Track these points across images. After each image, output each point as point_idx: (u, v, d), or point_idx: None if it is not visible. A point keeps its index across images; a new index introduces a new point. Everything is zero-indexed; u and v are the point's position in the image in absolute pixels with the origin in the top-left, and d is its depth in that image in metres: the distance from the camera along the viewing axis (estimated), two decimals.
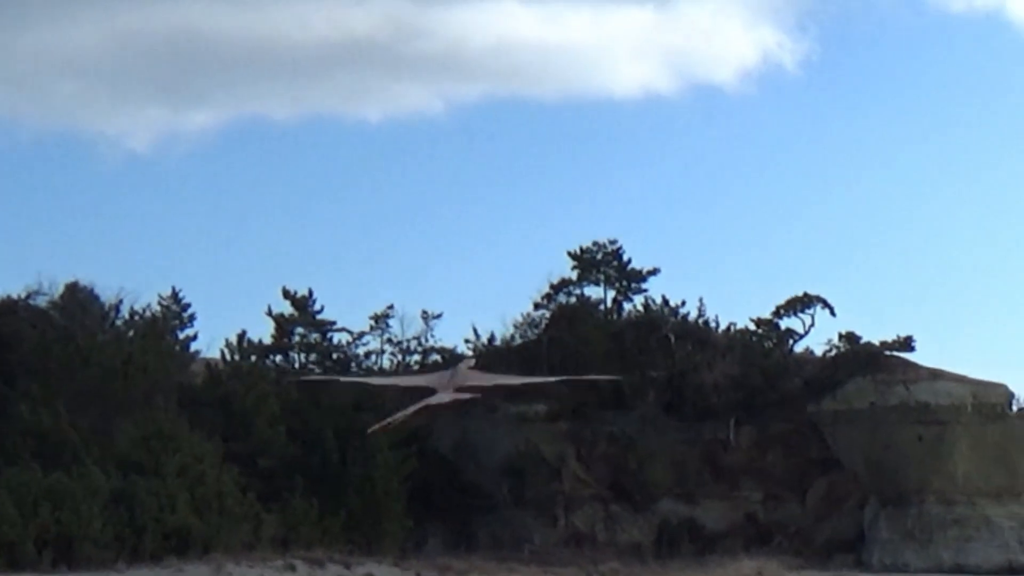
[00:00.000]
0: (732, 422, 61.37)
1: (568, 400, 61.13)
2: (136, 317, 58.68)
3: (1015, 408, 63.88)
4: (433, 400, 26.79)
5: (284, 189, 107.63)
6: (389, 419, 33.95)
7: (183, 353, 59.76)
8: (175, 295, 61.14)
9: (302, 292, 63.03)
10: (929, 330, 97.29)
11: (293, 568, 48.03)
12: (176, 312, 60.70)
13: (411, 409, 27.78)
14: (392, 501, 54.49)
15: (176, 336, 60.06)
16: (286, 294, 62.88)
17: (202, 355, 60.81)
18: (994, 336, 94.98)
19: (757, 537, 59.86)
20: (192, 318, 60.74)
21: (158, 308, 60.08)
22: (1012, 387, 62.99)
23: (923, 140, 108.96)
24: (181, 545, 47.92)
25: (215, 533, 48.88)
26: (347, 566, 49.44)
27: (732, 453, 61.45)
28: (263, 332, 62.55)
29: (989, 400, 61.57)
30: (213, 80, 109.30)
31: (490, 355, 64.00)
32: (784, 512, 60.94)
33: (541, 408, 60.79)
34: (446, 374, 26.60)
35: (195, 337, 60.60)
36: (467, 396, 29.17)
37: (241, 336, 61.03)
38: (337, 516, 52.74)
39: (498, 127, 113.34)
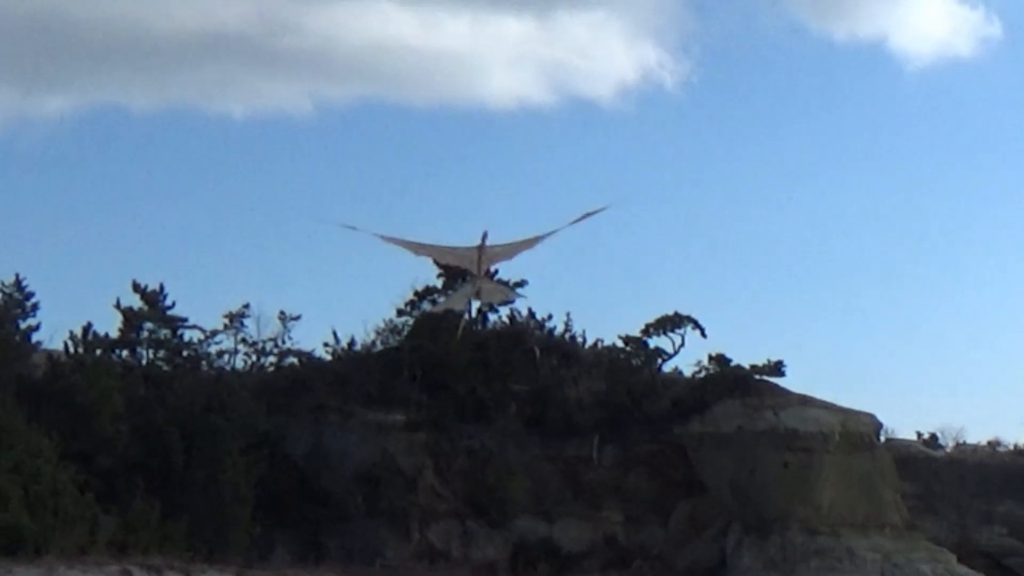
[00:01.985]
0: (596, 440, 59.78)
1: (428, 410, 59.33)
2: None
3: (882, 438, 63.35)
4: (478, 289, 25.23)
5: (140, 181, 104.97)
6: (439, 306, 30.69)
7: (24, 344, 56.85)
8: (18, 283, 58.06)
9: (153, 286, 60.21)
10: (800, 356, 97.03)
11: (129, 574, 45.61)
12: (18, 301, 57.64)
13: (460, 294, 25.90)
14: (239, 507, 52.24)
15: (17, 326, 57.06)
16: (136, 288, 60.08)
17: (44, 347, 57.94)
18: (864, 365, 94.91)
19: (617, 559, 58.33)
20: (35, 307, 57.64)
21: None
22: (880, 417, 62.35)
23: (799, 166, 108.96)
24: (11, 546, 45.18)
25: (49, 534, 46.20)
26: (187, 573, 47.12)
27: (594, 472, 59.81)
28: (110, 326, 59.80)
29: (857, 429, 60.71)
30: (70, 66, 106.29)
31: (349, 361, 62.15)
32: (645, 535, 59.40)
33: (399, 417, 58.86)
34: (471, 253, 24.88)
35: (37, 327, 57.61)
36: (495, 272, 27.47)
37: (86, 329, 58.22)
38: (179, 520, 50.33)
39: (368, 130, 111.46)
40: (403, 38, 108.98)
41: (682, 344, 63.66)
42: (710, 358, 63.21)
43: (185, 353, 60.10)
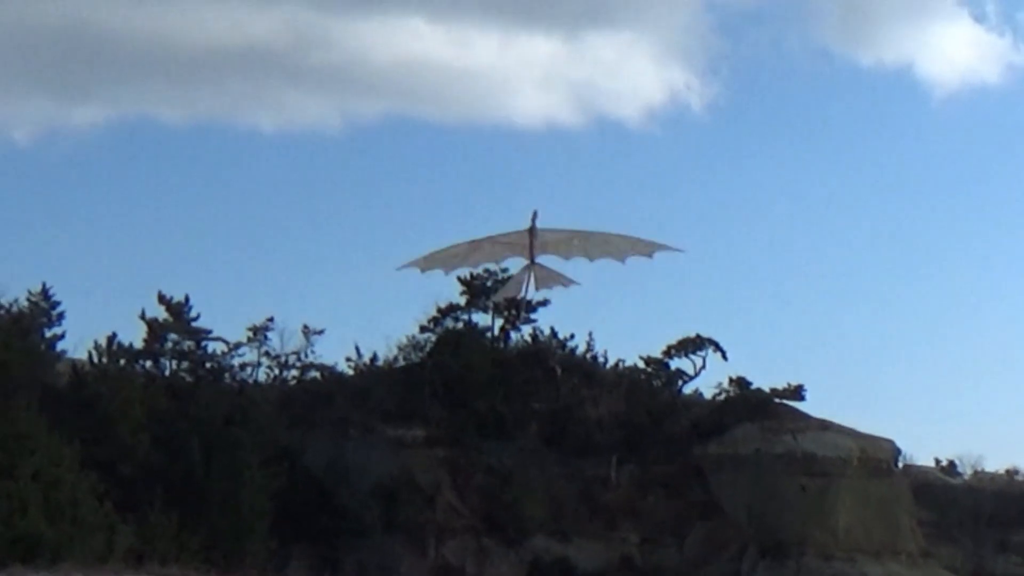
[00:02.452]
0: (614, 460, 59.90)
1: (448, 427, 59.47)
2: (1, 312, 56.11)
3: (900, 464, 63.28)
4: (531, 274, 24.86)
5: (168, 193, 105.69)
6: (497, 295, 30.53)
7: (48, 352, 57.29)
8: (45, 292, 58.61)
9: (178, 298, 60.63)
10: (820, 381, 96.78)
11: None
12: (45, 310, 58.15)
13: (513, 281, 25.66)
14: (257, 519, 52.34)
15: (42, 334, 57.51)
16: (161, 299, 60.50)
17: (69, 355, 58.35)
18: (884, 391, 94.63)
19: None
20: (61, 316, 58.27)
21: (26, 304, 57.50)
22: (899, 443, 62.42)
23: (826, 190, 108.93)
24: (29, 552, 45.37)
25: (66, 542, 46.27)
26: None
27: (612, 492, 59.89)
28: (135, 336, 60.18)
29: (876, 455, 60.75)
30: (103, 77, 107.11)
31: (370, 376, 62.38)
32: (661, 555, 59.42)
33: (419, 433, 59.02)
34: (522, 237, 24.49)
35: (63, 336, 58.22)
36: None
37: (111, 339, 58.62)
38: (197, 531, 50.41)
39: (396, 146, 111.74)
40: (432, 55, 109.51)
41: (703, 366, 64.07)
42: (730, 381, 63.53)
43: (208, 365, 60.46)
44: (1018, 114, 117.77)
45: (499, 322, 64.57)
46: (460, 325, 64.36)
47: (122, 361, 58.63)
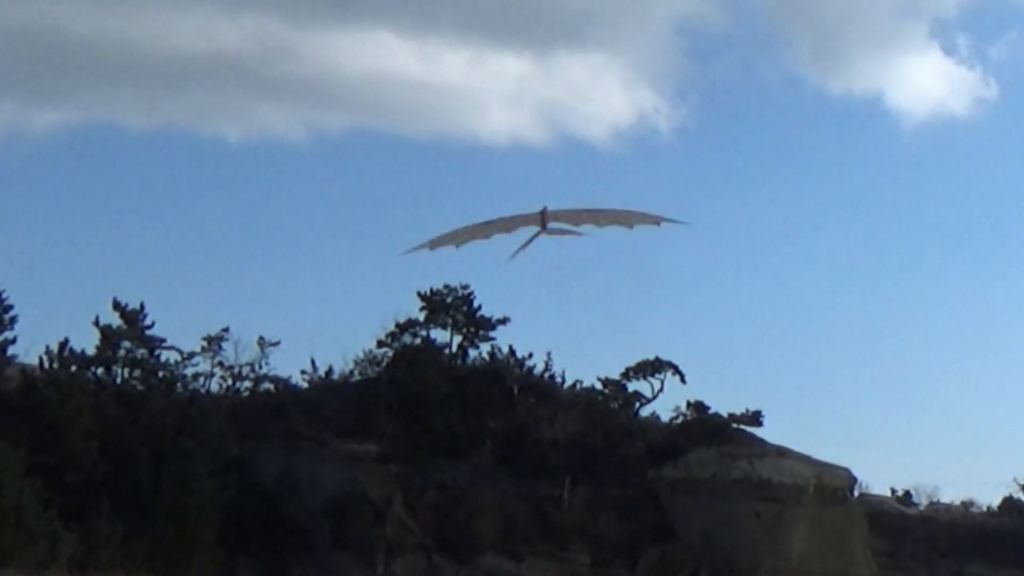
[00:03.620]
0: (568, 481, 59.37)
1: (402, 443, 58.89)
2: None
3: (856, 493, 63.00)
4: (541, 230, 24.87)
5: (128, 199, 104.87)
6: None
7: None
8: None
9: (134, 306, 59.91)
10: (778, 408, 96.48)
11: None
12: None
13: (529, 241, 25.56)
14: (204, 530, 51.75)
15: None
16: (116, 306, 59.79)
17: (20, 360, 57.64)
18: (842, 419, 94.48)
19: None
20: (13, 321, 57.46)
21: None
22: (855, 472, 62.11)
23: (791, 216, 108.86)
24: None
25: (8, 548, 45.86)
26: None
27: (564, 513, 59.33)
28: (88, 343, 59.46)
29: (832, 483, 60.44)
30: (68, 81, 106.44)
31: (325, 389, 61.83)
32: None
33: (372, 448, 58.40)
34: (534, 217, 24.51)
35: (14, 341, 57.44)
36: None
37: (63, 345, 57.95)
38: (143, 541, 49.95)
39: (361, 159, 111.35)
40: (401, 70, 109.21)
41: (661, 389, 63.57)
42: (688, 404, 63.09)
43: (160, 374, 59.73)
44: (986, 147, 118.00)
45: (457, 339, 64.03)
46: (418, 341, 63.75)
47: (73, 368, 58.00)
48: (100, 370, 59.24)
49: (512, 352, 64.08)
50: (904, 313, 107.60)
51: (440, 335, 63.91)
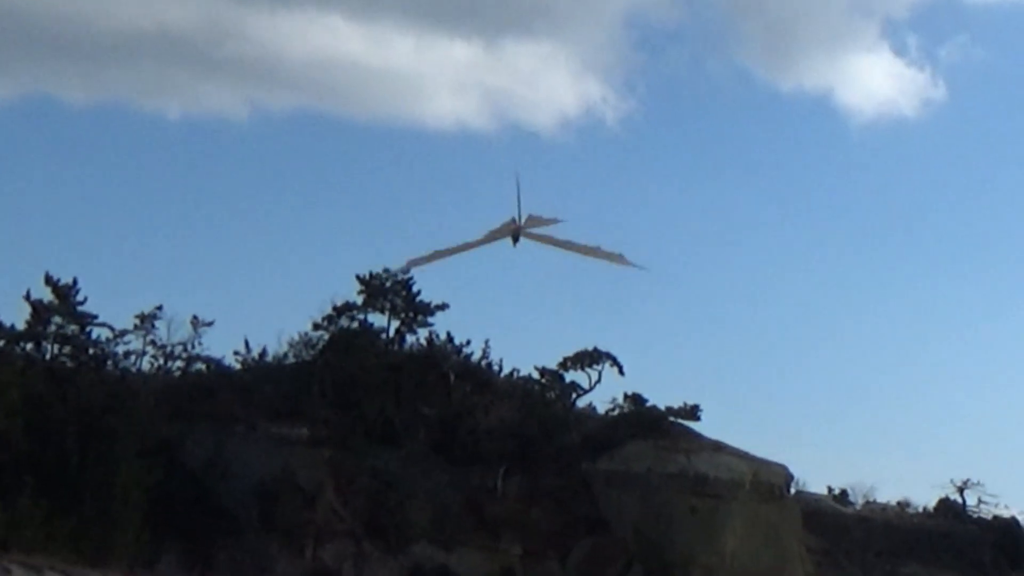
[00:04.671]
0: (502, 471, 58.73)
1: (335, 427, 58.13)
2: None
3: (793, 491, 62.72)
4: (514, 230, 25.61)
5: (65, 174, 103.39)
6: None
7: None
8: None
9: (66, 280, 58.93)
10: (716, 402, 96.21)
11: (9, 572, 44.23)
12: None
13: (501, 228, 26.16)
14: (129, 511, 50.96)
15: None
16: (48, 280, 58.79)
17: None
18: (780, 417, 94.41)
19: None
20: None
21: None
22: (792, 469, 61.80)
23: (736, 211, 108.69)
24: None
25: None
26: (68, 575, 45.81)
27: (497, 503, 58.68)
28: (18, 318, 58.46)
29: (768, 480, 60.04)
30: (5, 54, 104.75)
31: (258, 371, 61.02)
32: (543, 570, 58.25)
33: (304, 432, 57.55)
34: (511, 223, 25.13)
35: None
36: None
37: None
38: (67, 520, 49.06)
39: (304, 141, 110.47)
40: (349, 53, 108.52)
41: (598, 380, 63.01)
42: (625, 396, 62.65)
43: (91, 351, 58.74)
44: (932, 148, 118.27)
45: (395, 324, 63.30)
46: (355, 325, 62.98)
47: (1, 342, 57.01)
48: (29, 346, 58.30)
49: (450, 338, 63.45)
50: (844, 311, 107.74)
51: (378, 319, 63.25)
